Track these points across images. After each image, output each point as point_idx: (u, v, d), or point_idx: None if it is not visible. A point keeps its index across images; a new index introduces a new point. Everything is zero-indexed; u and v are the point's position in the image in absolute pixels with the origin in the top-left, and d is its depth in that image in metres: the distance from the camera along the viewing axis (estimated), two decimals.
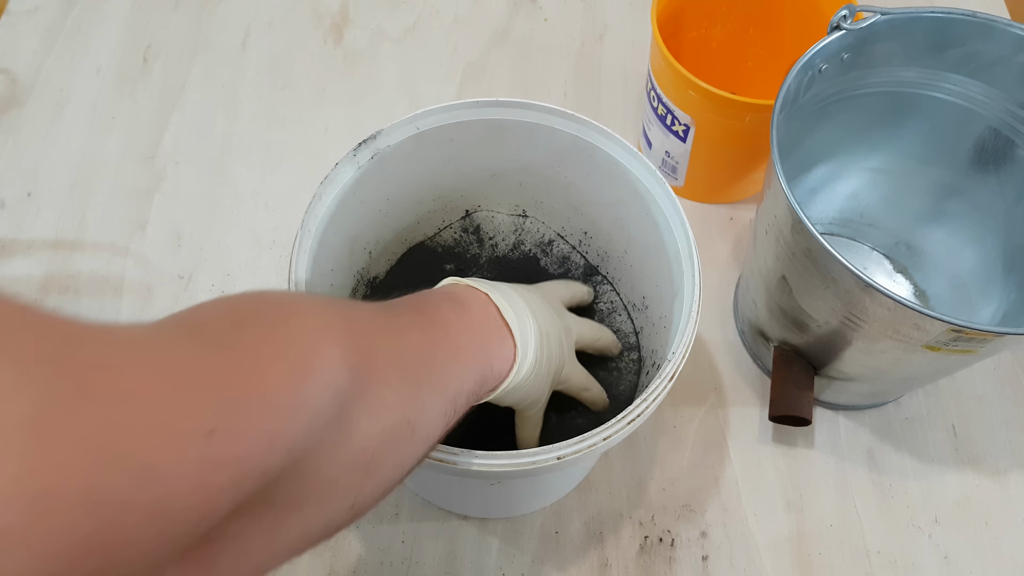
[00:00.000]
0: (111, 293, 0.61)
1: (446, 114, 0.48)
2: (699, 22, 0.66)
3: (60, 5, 0.76)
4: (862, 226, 0.64)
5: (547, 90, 0.73)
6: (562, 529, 0.53)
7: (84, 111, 0.70)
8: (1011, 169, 0.54)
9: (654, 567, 0.52)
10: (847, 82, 0.53)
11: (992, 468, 0.56)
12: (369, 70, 0.74)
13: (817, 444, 0.57)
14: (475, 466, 0.37)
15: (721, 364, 0.60)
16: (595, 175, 0.50)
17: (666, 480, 0.55)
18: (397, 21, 0.77)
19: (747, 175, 0.64)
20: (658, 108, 0.61)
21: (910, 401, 0.59)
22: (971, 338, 0.42)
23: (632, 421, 0.38)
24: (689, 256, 0.44)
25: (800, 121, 0.52)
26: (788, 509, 0.54)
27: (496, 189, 0.55)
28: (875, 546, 0.53)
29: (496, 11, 0.78)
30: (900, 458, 0.56)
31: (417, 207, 0.55)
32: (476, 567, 0.52)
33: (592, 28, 0.77)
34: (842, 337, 0.48)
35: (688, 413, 0.58)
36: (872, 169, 0.61)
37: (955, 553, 0.53)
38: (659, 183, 0.46)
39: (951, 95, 0.53)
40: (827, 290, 0.45)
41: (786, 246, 0.47)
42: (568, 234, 0.58)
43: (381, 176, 0.48)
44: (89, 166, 0.67)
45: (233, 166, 0.68)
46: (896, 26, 0.49)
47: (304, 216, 0.44)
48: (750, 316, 0.58)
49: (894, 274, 0.63)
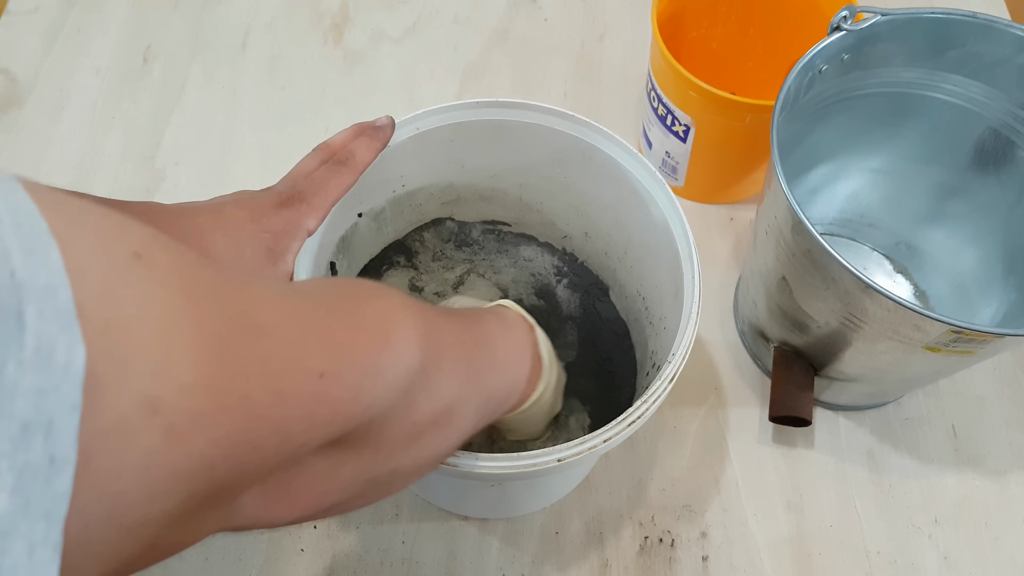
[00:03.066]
0: None
1: (446, 114, 0.48)
2: (699, 22, 0.66)
3: (60, 5, 0.76)
4: (862, 227, 0.64)
5: (547, 90, 0.73)
6: (562, 530, 0.53)
7: (84, 111, 0.70)
8: (1011, 170, 0.54)
9: (654, 567, 0.52)
10: (847, 83, 0.53)
11: (992, 468, 0.56)
12: (369, 70, 0.74)
13: (817, 444, 0.57)
14: (476, 468, 0.37)
15: (721, 364, 0.60)
16: (595, 176, 0.50)
17: (666, 480, 0.55)
18: (397, 21, 0.77)
19: (747, 175, 0.64)
20: (658, 108, 0.61)
21: (910, 401, 0.59)
22: (971, 339, 0.42)
23: (633, 423, 0.38)
24: (689, 256, 0.44)
25: (800, 122, 0.52)
26: (788, 509, 0.54)
27: (496, 189, 0.55)
28: (875, 546, 0.53)
29: (496, 11, 0.78)
30: (900, 458, 0.56)
31: (417, 207, 0.55)
32: (476, 567, 0.52)
33: (592, 28, 0.77)
34: (842, 338, 0.48)
35: (688, 414, 0.58)
36: (872, 170, 0.61)
37: (955, 553, 0.53)
38: (659, 184, 0.46)
39: (951, 96, 0.53)
40: (827, 291, 0.45)
41: (786, 247, 0.47)
42: (568, 235, 0.58)
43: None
44: (89, 166, 0.67)
45: (233, 166, 0.68)
46: (896, 27, 0.49)
47: None
48: (750, 316, 0.58)
49: (894, 275, 0.63)
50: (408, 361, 0.27)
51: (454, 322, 0.35)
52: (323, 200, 0.41)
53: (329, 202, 0.41)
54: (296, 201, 0.40)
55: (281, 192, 0.40)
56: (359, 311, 0.27)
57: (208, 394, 0.18)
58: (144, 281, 0.17)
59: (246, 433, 0.19)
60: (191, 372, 0.17)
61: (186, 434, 0.17)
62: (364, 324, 0.26)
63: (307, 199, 0.40)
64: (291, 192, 0.40)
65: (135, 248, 0.18)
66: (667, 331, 0.47)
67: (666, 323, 0.48)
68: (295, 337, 0.22)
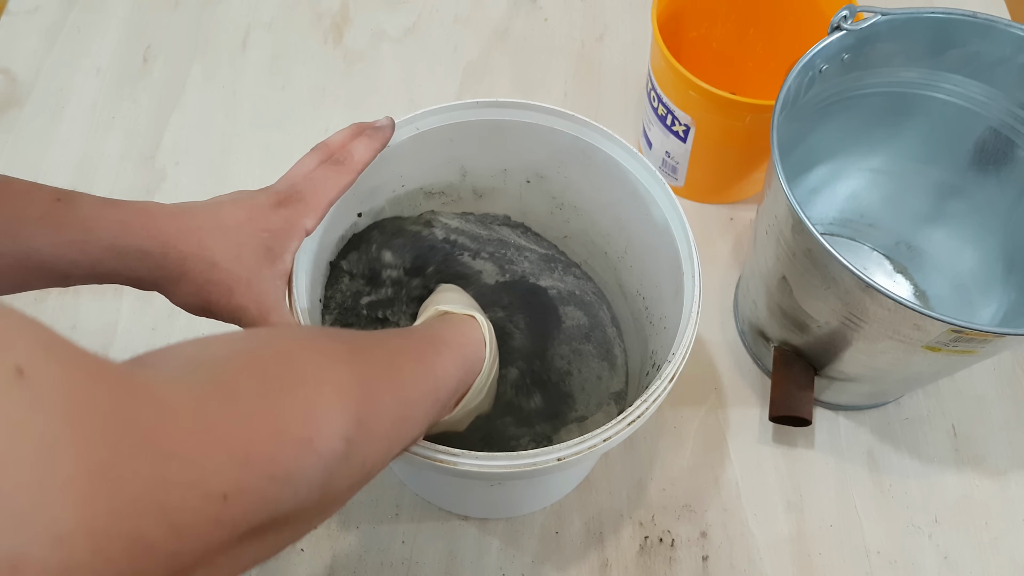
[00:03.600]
0: (111, 293, 0.61)
1: (446, 114, 0.48)
2: (699, 22, 0.66)
3: (60, 5, 0.76)
4: (862, 226, 0.64)
5: (547, 90, 0.73)
6: (562, 529, 0.53)
7: (84, 111, 0.70)
8: (1011, 169, 0.54)
9: (654, 567, 0.52)
10: (847, 82, 0.53)
11: (992, 468, 0.56)
12: (369, 70, 0.74)
13: (817, 444, 0.57)
14: (475, 467, 0.37)
15: (721, 364, 0.60)
16: (595, 175, 0.50)
17: (666, 480, 0.55)
18: (397, 21, 0.77)
19: (747, 175, 0.64)
20: (658, 108, 0.61)
21: (910, 401, 0.59)
22: (971, 339, 0.42)
23: (632, 422, 0.38)
24: (689, 256, 0.44)
25: (800, 121, 0.52)
26: (788, 509, 0.54)
27: (496, 189, 0.55)
28: (875, 546, 0.53)
29: (496, 11, 0.78)
30: (900, 458, 0.56)
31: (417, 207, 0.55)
32: (476, 567, 0.52)
33: (592, 28, 0.77)
34: (842, 337, 0.48)
35: (688, 413, 0.58)
36: (872, 169, 0.61)
37: (955, 553, 0.53)
38: (659, 183, 0.46)
39: (951, 95, 0.53)
40: (827, 290, 0.45)
41: (786, 246, 0.47)
42: (568, 235, 0.58)
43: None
44: (89, 166, 0.67)
45: (233, 166, 0.68)
46: (896, 26, 0.49)
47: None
48: (750, 316, 0.58)
49: (894, 274, 0.63)
50: (328, 457, 0.25)
51: (388, 342, 0.35)
52: (321, 199, 0.41)
53: (327, 201, 0.41)
54: (294, 200, 0.40)
55: (279, 192, 0.40)
56: (281, 405, 0.24)
57: (89, 541, 0.16)
58: (21, 405, 0.15)
59: (135, 566, 0.17)
60: (68, 517, 0.15)
61: None
62: (284, 423, 0.24)
63: (305, 199, 0.40)
64: (289, 192, 0.40)
65: (18, 361, 0.16)
66: (667, 331, 0.47)
67: (666, 323, 0.48)
68: (199, 455, 0.20)
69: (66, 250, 0.35)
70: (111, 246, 0.35)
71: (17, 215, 0.34)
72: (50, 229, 0.34)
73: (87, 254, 0.35)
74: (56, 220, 0.35)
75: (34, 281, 0.36)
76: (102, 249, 0.35)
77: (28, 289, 0.36)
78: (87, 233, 0.35)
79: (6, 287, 0.35)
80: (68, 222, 0.35)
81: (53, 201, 0.35)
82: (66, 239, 0.35)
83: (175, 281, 0.37)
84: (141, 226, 0.36)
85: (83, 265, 0.35)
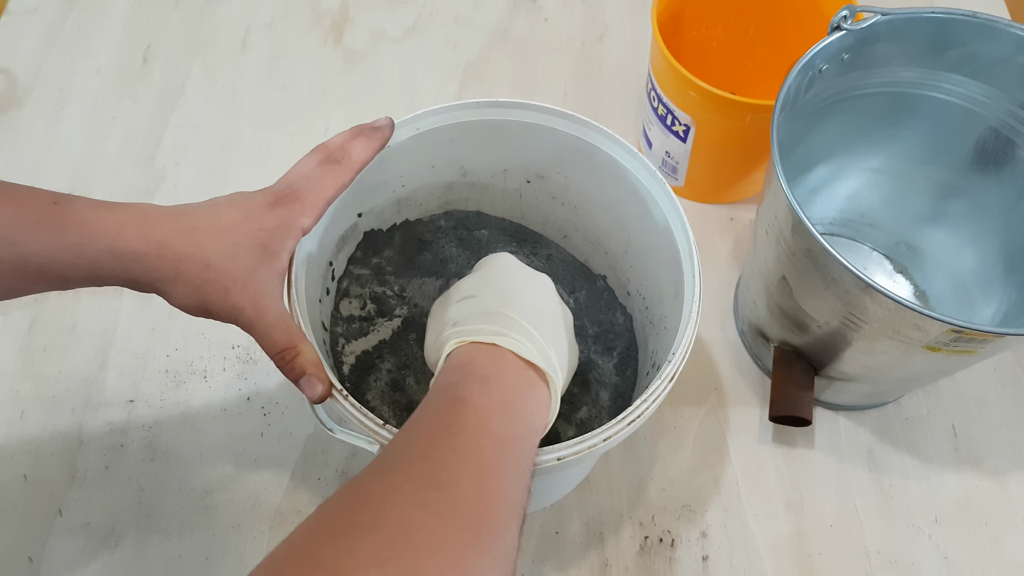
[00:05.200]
0: (111, 293, 0.61)
1: (446, 115, 0.48)
2: (699, 22, 0.66)
3: (60, 5, 0.76)
4: (862, 226, 0.64)
5: (547, 90, 0.73)
6: (562, 529, 0.53)
7: (84, 111, 0.70)
8: (1011, 169, 0.54)
9: (654, 567, 0.52)
10: (847, 82, 0.53)
11: (992, 468, 0.56)
12: (369, 70, 0.74)
13: (817, 444, 0.57)
14: None
15: (721, 364, 0.60)
16: (595, 175, 0.50)
17: (666, 480, 0.55)
18: (397, 21, 0.77)
19: (747, 175, 0.64)
20: (658, 108, 0.61)
21: (910, 401, 0.59)
22: (971, 339, 0.42)
23: (632, 422, 0.38)
24: (689, 256, 0.44)
25: (800, 121, 0.52)
26: (788, 509, 0.54)
27: (496, 189, 0.55)
28: (875, 546, 0.53)
29: (496, 11, 0.78)
30: (900, 458, 0.56)
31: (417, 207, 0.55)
32: None
33: (592, 28, 0.77)
34: (842, 337, 0.48)
35: (688, 413, 0.58)
36: (872, 169, 0.61)
37: (955, 553, 0.53)
38: (659, 183, 0.46)
39: (951, 95, 0.53)
40: (827, 290, 0.45)
41: (786, 246, 0.47)
42: (568, 235, 0.58)
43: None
44: (89, 166, 0.67)
45: (233, 166, 0.68)
46: (896, 26, 0.49)
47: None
48: (750, 316, 0.58)
49: (894, 274, 0.63)
50: None
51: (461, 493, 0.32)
52: (317, 199, 0.41)
53: (324, 201, 0.41)
54: (290, 200, 0.40)
55: (276, 191, 0.40)
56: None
57: None
58: None
59: None
60: None
61: None
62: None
63: (301, 198, 0.40)
64: (285, 191, 0.40)
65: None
66: (667, 331, 0.47)
67: (666, 323, 0.48)
68: None
69: (64, 253, 0.35)
70: (108, 248, 0.35)
71: (14, 219, 0.34)
72: (48, 233, 0.34)
73: (85, 257, 0.35)
74: (53, 224, 0.35)
75: (33, 285, 0.36)
76: (99, 252, 0.35)
77: (27, 293, 0.36)
78: (84, 236, 0.35)
79: (5, 292, 0.35)
80: (65, 225, 0.35)
81: (50, 205, 0.35)
82: (64, 242, 0.35)
83: (172, 282, 0.37)
84: (137, 228, 0.36)
85: (81, 268, 0.35)
